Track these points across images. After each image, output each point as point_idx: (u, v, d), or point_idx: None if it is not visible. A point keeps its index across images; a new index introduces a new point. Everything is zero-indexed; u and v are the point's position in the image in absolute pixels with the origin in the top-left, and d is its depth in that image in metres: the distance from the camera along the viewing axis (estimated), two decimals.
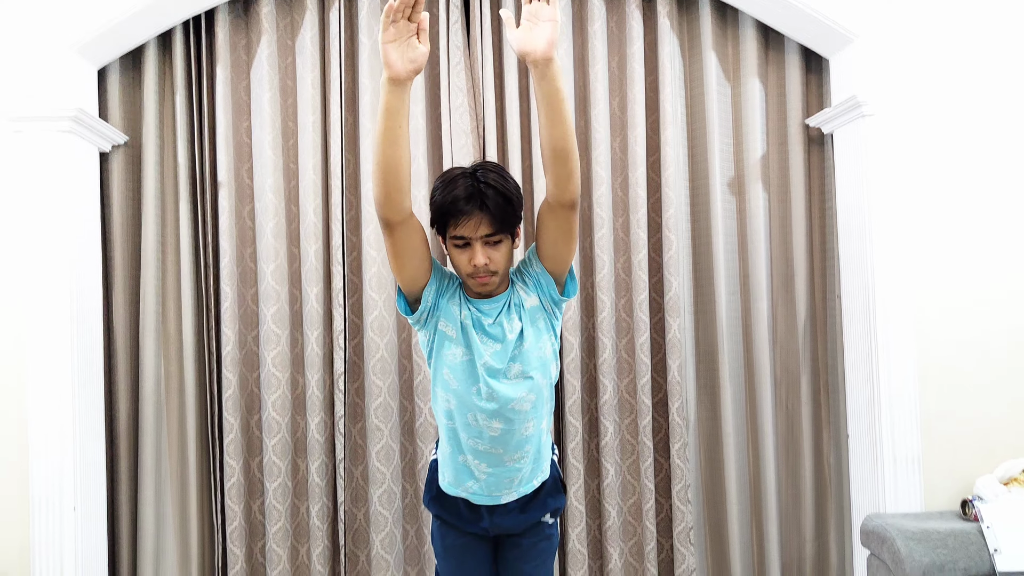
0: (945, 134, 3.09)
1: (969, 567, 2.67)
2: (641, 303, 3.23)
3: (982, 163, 3.09)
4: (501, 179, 1.98)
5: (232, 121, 3.21)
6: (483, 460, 2.10)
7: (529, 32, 1.82)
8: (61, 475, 2.82)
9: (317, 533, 3.14)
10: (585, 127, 3.29)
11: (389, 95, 1.85)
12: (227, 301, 3.14)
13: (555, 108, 1.87)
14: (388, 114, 1.86)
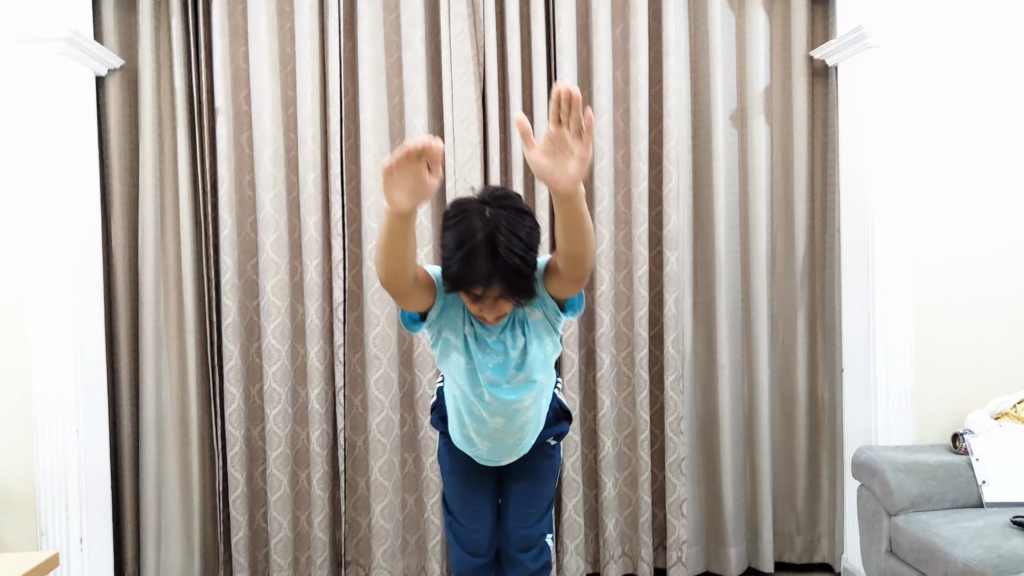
0: (953, 69, 3.05)
1: (957, 498, 2.71)
2: (640, 236, 3.23)
3: (989, 100, 3.05)
4: (522, 247, 1.74)
5: (229, 46, 3.17)
6: (485, 439, 2.14)
7: (552, 160, 1.56)
8: (63, 399, 2.85)
9: (317, 459, 3.19)
10: (587, 56, 3.24)
11: (392, 222, 1.65)
12: (226, 229, 3.14)
13: (577, 229, 1.70)
14: (392, 236, 1.67)
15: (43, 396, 2.85)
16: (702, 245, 3.35)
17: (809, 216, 3.35)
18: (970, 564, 2.27)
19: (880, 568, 2.74)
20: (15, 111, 2.85)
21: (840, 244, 3.25)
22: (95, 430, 2.99)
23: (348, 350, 3.26)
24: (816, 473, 3.42)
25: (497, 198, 1.79)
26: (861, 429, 3.10)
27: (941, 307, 3.06)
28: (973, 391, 3.06)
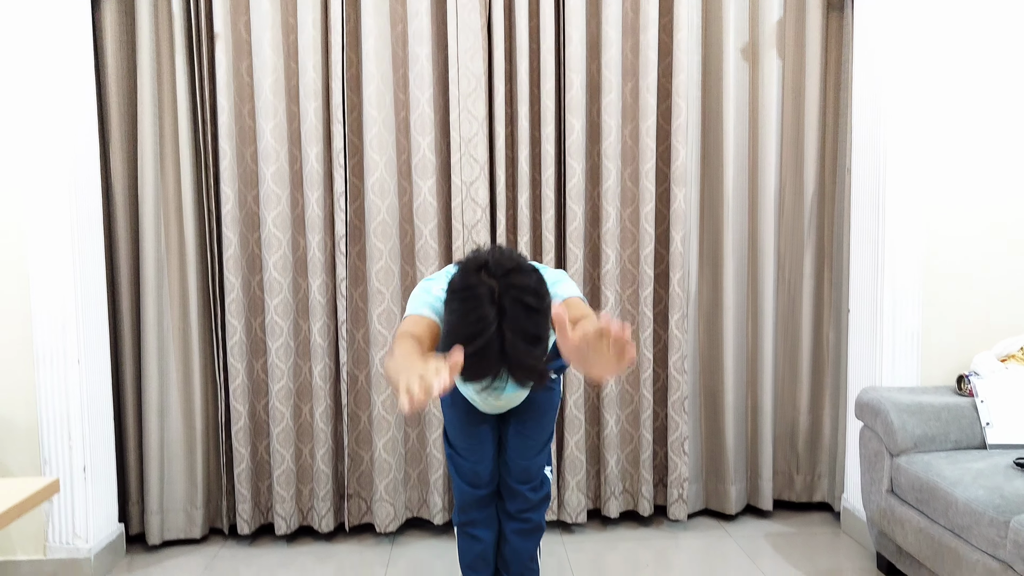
0: (977, 5, 2.95)
1: (960, 439, 2.71)
2: (648, 172, 3.17)
3: (1013, 39, 2.96)
4: (532, 347, 1.67)
5: None
6: (487, 407, 2.25)
7: (584, 357, 1.49)
8: (64, 328, 2.84)
9: (319, 393, 3.19)
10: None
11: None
12: (226, 159, 3.09)
13: None
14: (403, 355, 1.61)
15: (44, 325, 2.84)
16: (710, 182, 3.30)
17: (819, 154, 3.29)
18: (971, 504, 2.26)
19: (880, 507, 2.75)
20: (7, 33, 2.78)
21: (850, 183, 3.19)
22: (96, 360, 2.98)
23: (350, 284, 3.23)
24: (818, 413, 3.41)
25: (506, 274, 1.69)
26: (866, 370, 3.09)
27: (951, 248, 3.02)
28: (980, 333, 3.04)
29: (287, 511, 3.22)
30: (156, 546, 3.24)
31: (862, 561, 2.98)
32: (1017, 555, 2.06)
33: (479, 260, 1.73)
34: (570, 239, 3.18)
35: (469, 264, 1.73)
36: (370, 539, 3.31)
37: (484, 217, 3.15)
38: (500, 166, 3.14)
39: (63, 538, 2.90)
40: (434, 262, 3.16)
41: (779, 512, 3.51)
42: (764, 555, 3.06)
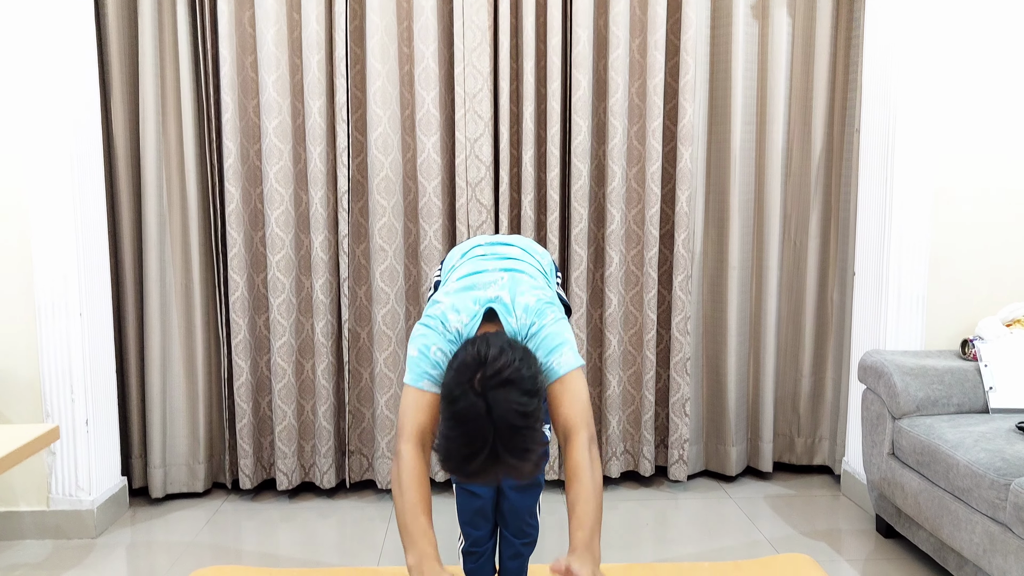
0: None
1: (963, 403, 2.70)
2: (654, 130, 3.13)
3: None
4: (526, 458, 1.66)
5: None
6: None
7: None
8: (66, 281, 2.83)
9: (321, 350, 3.18)
10: None
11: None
12: (228, 112, 3.06)
13: None
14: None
15: (45, 278, 2.83)
16: (717, 141, 3.26)
17: (828, 114, 3.24)
18: (972, 467, 2.26)
19: (881, 470, 2.75)
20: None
21: (859, 144, 3.15)
22: (98, 313, 2.97)
23: (352, 241, 3.21)
24: (821, 376, 3.41)
25: (498, 387, 1.63)
26: (870, 333, 3.07)
27: (959, 211, 2.99)
28: (986, 298, 3.02)
29: (289, 467, 3.23)
30: (159, 499, 3.27)
31: (861, 523, 3.00)
32: (1017, 517, 2.06)
33: (469, 371, 1.66)
34: (575, 198, 3.15)
35: (461, 376, 1.66)
36: (371, 495, 3.33)
37: (488, 175, 3.12)
38: (504, 123, 3.11)
39: (66, 490, 2.92)
40: (437, 220, 3.13)
41: (779, 474, 3.52)
42: (763, 516, 3.07)
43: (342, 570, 2.61)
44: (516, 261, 2.12)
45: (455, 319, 1.87)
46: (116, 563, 2.75)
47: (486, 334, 1.76)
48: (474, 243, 2.25)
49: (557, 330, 1.87)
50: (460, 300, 1.91)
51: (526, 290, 1.93)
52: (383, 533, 2.95)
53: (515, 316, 1.87)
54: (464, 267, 2.10)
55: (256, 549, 2.84)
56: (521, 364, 1.68)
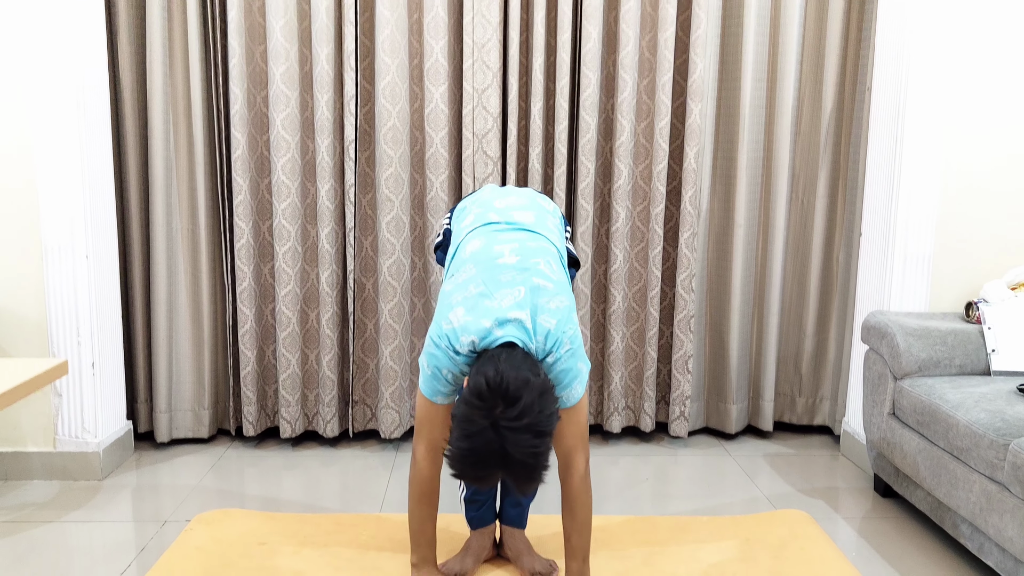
0: None
1: (964, 364, 2.71)
2: (664, 85, 3.11)
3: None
4: (536, 478, 1.73)
5: None
6: None
7: None
8: (72, 224, 2.83)
9: (326, 299, 3.19)
10: None
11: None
12: (235, 57, 3.03)
13: None
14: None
15: (51, 220, 2.83)
16: (727, 98, 3.24)
17: (840, 72, 3.21)
18: (972, 427, 2.27)
19: (881, 430, 2.77)
20: None
21: (870, 103, 3.12)
22: (105, 256, 2.98)
23: (359, 191, 3.20)
24: (824, 336, 3.42)
25: (516, 429, 1.67)
26: (874, 294, 3.07)
27: (969, 173, 2.97)
28: (992, 261, 3.01)
29: (292, 415, 3.26)
30: (164, 444, 3.30)
31: (859, 483, 3.02)
32: (1014, 477, 2.08)
33: (488, 402, 1.69)
34: (582, 152, 3.13)
35: (479, 405, 1.69)
36: (375, 445, 3.36)
37: (495, 127, 3.10)
38: (513, 74, 3.08)
39: (72, 432, 2.95)
40: (444, 171, 3.12)
41: (779, 433, 3.54)
42: (762, 474, 3.10)
43: (345, 516, 2.65)
44: (533, 235, 2.08)
45: (467, 340, 1.87)
46: (122, 505, 2.79)
47: (507, 356, 1.76)
48: (487, 204, 2.21)
49: (572, 364, 1.92)
50: (474, 314, 1.88)
51: (546, 302, 1.91)
52: (385, 482, 2.99)
53: (534, 341, 1.87)
54: (476, 241, 2.05)
55: (259, 494, 2.88)
56: (542, 406, 1.71)
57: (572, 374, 1.92)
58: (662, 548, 2.44)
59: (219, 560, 2.32)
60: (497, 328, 1.85)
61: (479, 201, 2.24)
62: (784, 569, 2.31)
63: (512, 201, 2.21)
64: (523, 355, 1.79)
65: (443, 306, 1.95)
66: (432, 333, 1.93)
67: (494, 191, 2.29)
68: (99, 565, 2.36)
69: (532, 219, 2.15)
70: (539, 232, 2.10)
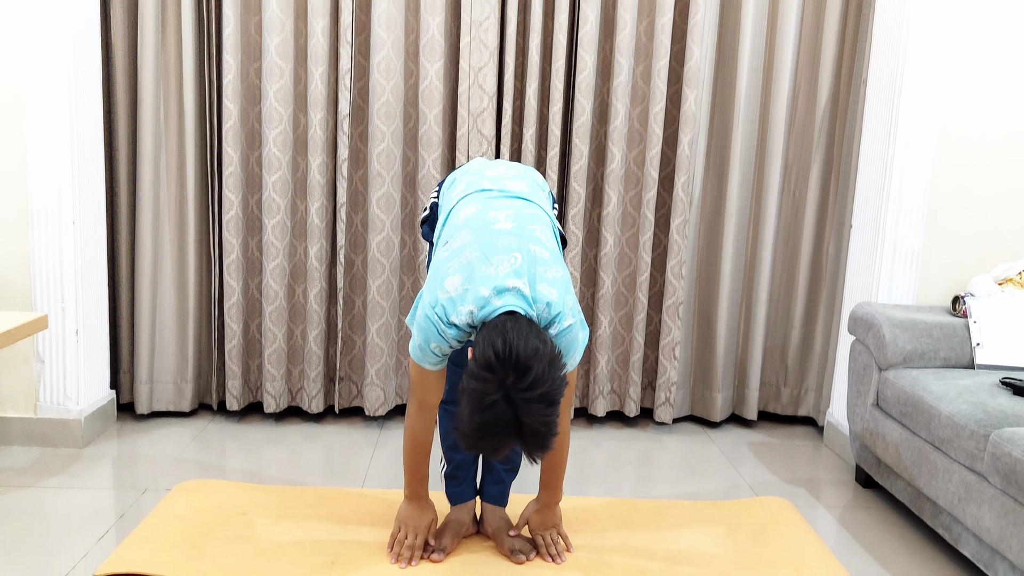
0: None
1: (949, 358, 2.72)
2: (660, 71, 3.10)
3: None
4: (547, 440, 1.73)
5: None
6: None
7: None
8: (59, 189, 2.81)
9: (314, 274, 3.18)
10: None
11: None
12: (229, 27, 3.01)
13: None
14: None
15: (39, 185, 2.81)
16: (722, 86, 3.23)
17: (836, 65, 3.21)
18: (954, 418, 2.28)
19: (864, 420, 2.78)
20: None
21: (865, 96, 3.13)
22: (91, 224, 2.96)
23: (351, 166, 3.19)
24: (811, 328, 3.42)
25: (530, 400, 1.68)
26: (863, 286, 3.08)
27: (961, 168, 2.97)
28: (980, 256, 3.02)
29: (277, 390, 3.25)
30: (145, 416, 3.28)
31: (841, 474, 3.03)
32: (993, 467, 2.09)
33: (499, 372, 1.68)
34: (576, 135, 3.12)
35: (491, 376, 1.69)
36: (359, 422, 3.35)
37: (491, 106, 3.09)
38: (510, 53, 3.07)
39: (54, 399, 2.93)
40: (437, 148, 3.11)
41: (763, 423, 3.55)
42: (745, 462, 3.11)
43: (326, 490, 2.64)
44: (527, 203, 2.07)
45: (464, 310, 1.84)
46: (102, 472, 2.77)
47: (512, 324, 1.74)
48: (478, 173, 2.19)
49: (574, 336, 1.92)
50: (471, 282, 1.85)
51: (544, 271, 1.89)
52: (368, 459, 2.98)
53: (535, 309, 1.86)
54: (470, 207, 2.03)
55: (241, 467, 2.87)
56: (553, 375, 1.71)
57: (574, 345, 1.92)
58: (642, 530, 2.44)
59: (198, 529, 2.31)
60: (496, 297, 1.82)
61: (470, 171, 2.22)
62: (763, 554, 2.32)
63: (503, 171, 2.19)
64: (528, 322, 1.78)
65: (437, 274, 1.92)
66: (427, 301, 1.91)
67: (484, 162, 2.27)
68: (77, 531, 2.34)
69: (525, 188, 2.13)
70: (533, 200, 2.09)
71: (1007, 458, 2.03)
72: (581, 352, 1.97)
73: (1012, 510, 2.01)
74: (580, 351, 1.96)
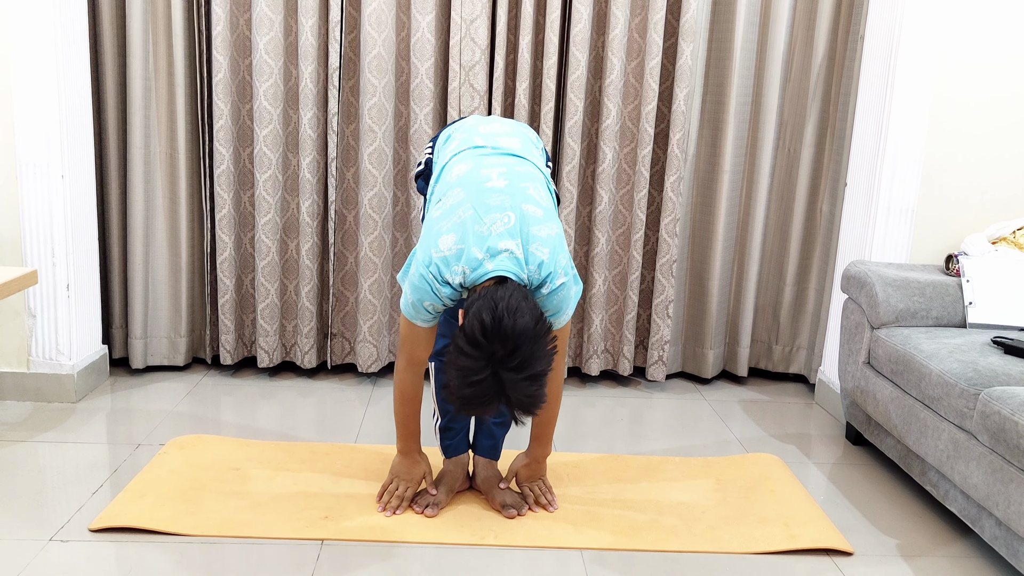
0: None
1: (941, 316, 2.72)
2: (656, 24, 3.05)
3: None
4: (534, 407, 1.81)
5: None
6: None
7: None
8: (47, 142, 2.77)
9: (307, 230, 3.16)
10: None
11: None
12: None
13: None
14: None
15: (26, 137, 2.77)
16: (718, 40, 3.19)
17: (833, 18, 3.17)
18: (944, 376, 2.29)
19: (855, 378, 2.79)
20: None
21: (862, 51, 3.09)
22: (81, 177, 2.93)
23: (342, 120, 3.15)
24: (804, 286, 3.42)
25: (520, 380, 1.74)
26: (856, 245, 3.07)
27: (957, 127, 2.95)
28: (974, 215, 3.02)
29: (270, 345, 3.24)
30: (139, 370, 3.28)
31: (831, 430, 3.05)
32: (982, 425, 2.10)
33: (487, 348, 1.72)
34: (571, 90, 3.09)
35: (479, 351, 1.72)
36: (352, 378, 3.36)
37: (483, 59, 3.05)
38: (503, 5, 3.02)
39: (46, 353, 2.92)
40: (428, 103, 3.07)
41: (754, 380, 3.57)
42: (736, 418, 3.13)
43: (320, 445, 2.65)
44: (520, 160, 2.06)
45: (458, 269, 1.87)
46: (95, 427, 2.78)
47: (501, 294, 1.76)
48: (471, 129, 2.17)
49: (567, 294, 1.94)
50: (465, 242, 1.87)
51: (538, 230, 1.90)
52: (361, 415, 2.99)
53: (526, 271, 1.88)
54: (462, 165, 2.03)
55: (235, 422, 2.88)
56: (540, 351, 1.75)
57: (566, 302, 1.96)
58: (632, 485, 2.46)
59: (192, 483, 2.33)
60: (488, 260, 1.85)
61: (464, 127, 2.21)
62: (753, 508, 2.34)
63: (497, 128, 2.18)
64: (519, 291, 1.79)
65: (431, 232, 1.93)
66: (420, 260, 1.92)
67: (478, 119, 2.26)
68: (71, 484, 2.35)
69: (518, 145, 2.12)
70: (526, 158, 2.08)
71: (996, 416, 2.04)
72: (574, 306, 2.00)
73: (999, 468, 2.03)
74: (573, 305, 1.99)
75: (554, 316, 1.95)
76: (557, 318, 1.96)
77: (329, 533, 2.12)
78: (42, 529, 2.11)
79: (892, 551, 2.22)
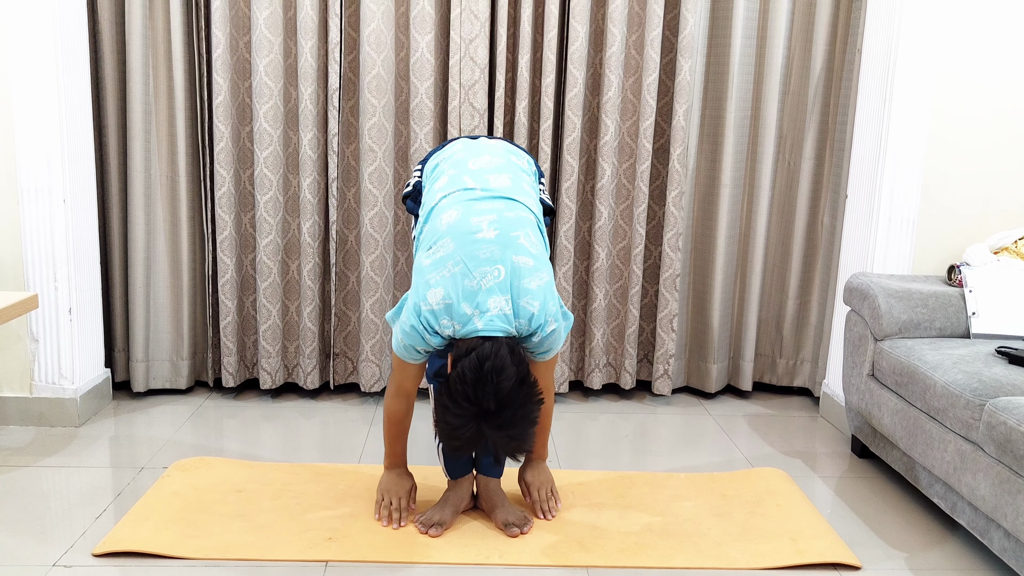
0: None
1: (945, 327, 2.71)
2: (652, 40, 3.07)
3: None
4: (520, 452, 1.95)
5: None
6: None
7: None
8: (49, 167, 2.78)
9: (308, 250, 3.16)
10: None
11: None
12: (217, 0, 2.96)
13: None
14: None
15: (28, 162, 2.78)
16: (716, 55, 3.20)
17: (831, 30, 3.18)
18: (949, 387, 2.28)
19: (860, 391, 2.78)
20: None
21: (860, 64, 3.10)
22: (82, 201, 2.94)
23: (342, 141, 3.16)
24: (807, 299, 3.42)
25: (505, 437, 1.86)
26: (858, 256, 3.07)
27: (955, 137, 2.96)
28: (976, 225, 3.02)
29: (272, 366, 3.24)
30: (141, 394, 3.28)
31: (837, 445, 3.04)
32: (988, 436, 2.09)
33: (475, 406, 1.82)
34: (569, 107, 3.10)
35: (465, 408, 1.83)
36: (354, 398, 3.35)
37: (482, 78, 3.06)
38: (502, 24, 3.03)
39: (49, 378, 2.92)
40: (428, 122, 3.08)
41: (759, 394, 3.56)
42: (741, 433, 3.11)
43: (323, 466, 2.64)
44: (510, 204, 2.07)
45: (447, 323, 1.95)
46: (99, 451, 2.77)
47: (492, 354, 1.84)
48: (460, 164, 2.18)
49: (556, 337, 2.05)
50: (454, 296, 1.93)
51: (528, 283, 1.97)
52: (364, 435, 2.98)
53: (515, 323, 1.97)
54: (452, 211, 2.04)
55: (238, 444, 2.87)
56: (526, 411, 1.87)
57: (556, 342, 2.07)
58: (638, 501, 2.45)
59: (195, 506, 2.32)
60: (478, 318, 1.92)
61: (452, 161, 2.21)
62: (759, 523, 2.33)
63: (486, 162, 2.18)
64: (503, 349, 1.86)
65: (420, 282, 1.99)
66: (411, 308, 1.99)
67: (466, 148, 2.25)
68: (75, 508, 2.35)
69: (508, 183, 2.13)
70: (516, 199, 2.09)
71: (1002, 427, 2.03)
72: (564, 339, 2.15)
73: (1007, 479, 2.02)
74: (563, 339, 2.12)
75: (544, 354, 2.08)
76: (547, 356, 2.09)
77: (333, 554, 2.11)
78: (46, 554, 2.10)
79: (900, 564, 2.20)
